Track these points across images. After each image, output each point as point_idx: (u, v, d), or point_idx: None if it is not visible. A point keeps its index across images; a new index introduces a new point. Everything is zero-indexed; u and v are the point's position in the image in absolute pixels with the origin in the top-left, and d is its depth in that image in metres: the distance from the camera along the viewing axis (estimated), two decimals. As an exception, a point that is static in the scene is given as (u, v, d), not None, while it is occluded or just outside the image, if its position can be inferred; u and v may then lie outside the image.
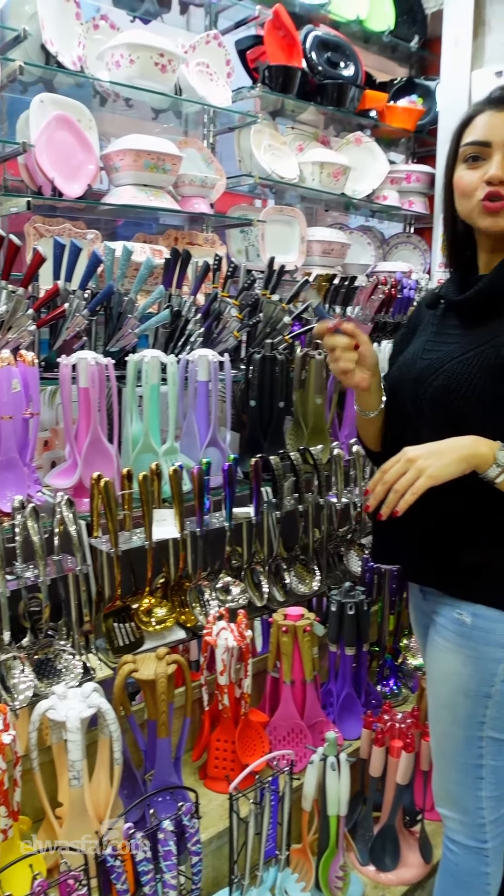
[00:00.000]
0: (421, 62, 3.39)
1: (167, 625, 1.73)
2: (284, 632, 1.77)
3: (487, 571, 1.24)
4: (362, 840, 1.84)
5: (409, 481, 1.14)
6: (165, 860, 1.42)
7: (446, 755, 1.36)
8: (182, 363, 1.91)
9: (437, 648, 1.33)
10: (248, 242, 2.76)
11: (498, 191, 1.20)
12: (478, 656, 1.26)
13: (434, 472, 1.14)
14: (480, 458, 1.15)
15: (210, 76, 2.55)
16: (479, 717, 1.28)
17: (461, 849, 1.38)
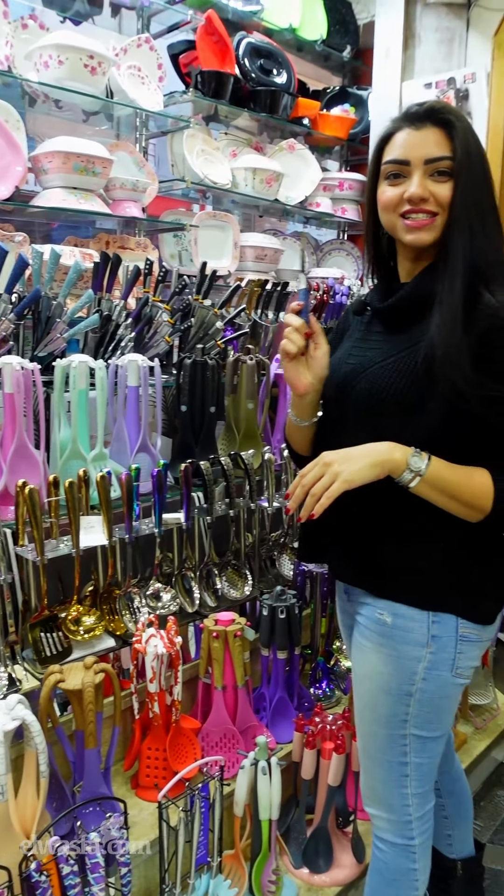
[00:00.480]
0: (353, 72, 3.44)
1: (96, 633, 1.70)
2: (215, 637, 1.77)
3: (407, 571, 1.27)
4: (295, 843, 1.85)
5: (325, 485, 1.17)
6: (93, 873, 1.40)
7: (371, 754, 1.37)
8: (112, 368, 1.89)
9: (360, 648, 1.35)
10: (180, 247, 2.76)
11: (421, 208, 1.24)
12: (398, 655, 1.28)
13: (348, 477, 1.17)
14: (394, 463, 1.18)
15: (142, 80, 2.54)
16: (401, 715, 1.30)
17: (389, 847, 1.40)
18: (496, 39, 2.79)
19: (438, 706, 1.31)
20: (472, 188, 1.20)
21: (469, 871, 1.70)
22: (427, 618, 1.26)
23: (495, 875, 2.01)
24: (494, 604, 1.32)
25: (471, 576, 1.27)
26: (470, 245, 1.20)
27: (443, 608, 1.26)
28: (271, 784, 1.64)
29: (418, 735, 1.32)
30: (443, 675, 1.28)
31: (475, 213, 1.20)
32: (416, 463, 1.18)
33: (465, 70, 2.83)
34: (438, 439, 1.19)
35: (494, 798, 2.35)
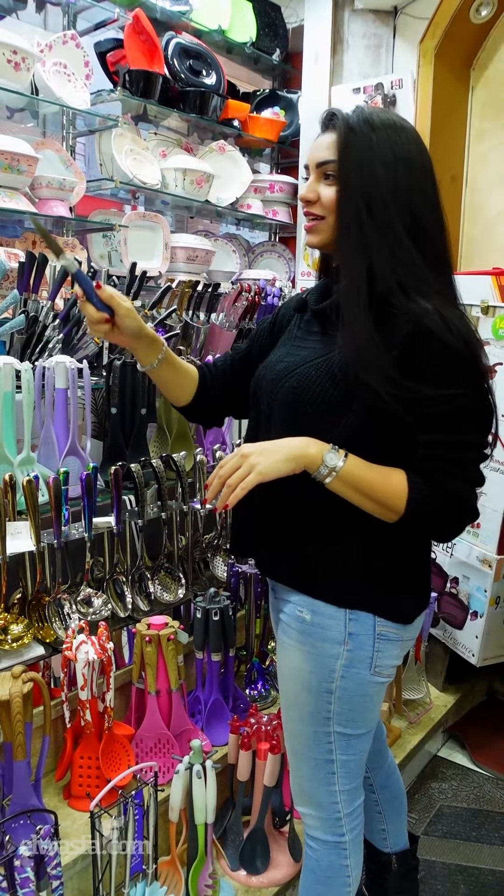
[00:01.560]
0: (283, 75, 3.46)
1: (24, 641, 1.66)
2: (148, 641, 1.75)
3: (324, 568, 1.27)
4: (233, 845, 1.84)
5: (240, 477, 1.18)
6: (23, 888, 1.36)
7: (298, 752, 1.38)
8: (38, 370, 1.84)
9: (283, 646, 1.36)
10: (110, 248, 2.72)
11: (309, 210, 1.27)
12: (317, 653, 1.28)
13: (263, 469, 1.18)
14: (309, 458, 1.19)
15: (68, 77, 2.49)
16: (323, 712, 1.31)
17: (320, 844, 1.41)
18: (422, 47, 2.85)
19: (360, 704, 1.31)
20: (361, 190, 1.19)
21: (404, 865, 1.72)
22: (344, 615, 1.26)
23: (429, 866, 2.06)
24: (414, 604, 1.33)
25: (388, 575, 1.28)
26: (361, 246, 1.19)
27: (359, 606, 1.27)
28: (206, 788, 1.64)
29: (342, 732, 1.32)
30: (361, 673, 1.28)
31: (365, 214, 1.18)
32: (332, 459, 1.18)
33: (393, 76, 2.88)
34: (360, 439, 1.20)
35: (428, 790, 2.40)
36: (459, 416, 1.16)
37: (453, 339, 1.15)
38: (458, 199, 3.04)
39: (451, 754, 2.60)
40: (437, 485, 1.17)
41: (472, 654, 2.42)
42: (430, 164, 1.24)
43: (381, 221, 1.19)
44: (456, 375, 1.16)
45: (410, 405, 1.16)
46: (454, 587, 2.49)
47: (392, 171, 1.19)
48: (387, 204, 1.19)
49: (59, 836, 1.44)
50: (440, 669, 2.69)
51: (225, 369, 1.52)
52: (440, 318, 1.15)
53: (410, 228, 1.20)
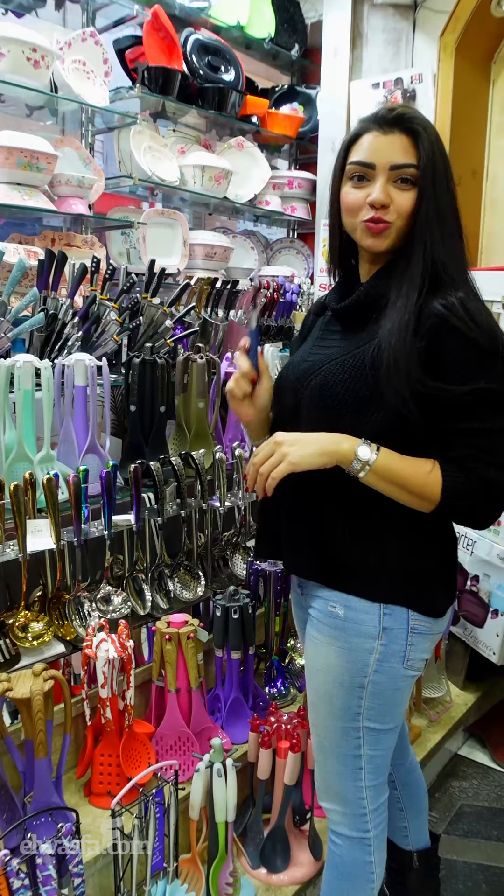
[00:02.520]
0: (302, 70, 3.44)
1: (45, 639, 1.66)
2: (168, 640, 1.74)
3: (359, 564, 1.27)
4: (253, 843, 1.84)
5: (273, 465, 1.21)
6: (45, 885, 1.37)
7: (325, 748, 1.38)
8: (58, 368, 1.85)
9: (313, 642, 1.36)
10: (129, 245, 2.72)
11: (380, 215, 1.24)
12: (350, 648, 1.29)
13: (295, 459, 1.19)
14: (342, 453, 1.20)
15: (87, 74, 2.49)
16: (354, 707, 1.31)
17: (345, 840, 1.41)
18: (442, 41, 2.82)
19: (391, 698, 1.32)
20: (436, 198, 1.21)
21: (425, 863, 1.71)
22: (379, 610, 1.27)
23: (451, 865, 2.04)
24: (445, 597, 1.34)
25: (422, 569, 1.29)
26: (431, 254, 1.21)
27: (394, 600, 1.27)
28: (227, 786, 1.63)
29: (371, 727, 1.32)
30: (394, 666, 1.28)
31: (437, 222, 1.21)
32: (365, 454, 1.19)
33: (413, 70, 2.85)
34: (390, 433, 1.20)
35: (449, 789, 2.38)
36: (486, 405, 1.17)
37: (477, 333, 1.15)
38: (478, 194, 3.01)
39: (471, 753, 2.58)
40: (471, 472, 1.17)
41: (493, 652, 2.40)
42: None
43: (446, 228, 1.22)
44: (480, 368, 1.16)
45: (438, 400, 1.17)
46: (475, 585, 2.46)
47: (448, 178, 1.24)
48: (449, 210, 1.23)
49: (80, 835, 1.44)
50: (461, 668, 2.67)
51: None
52: (464, 311, 1.16)
53: (458, 227, 1.24)
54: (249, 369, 1.34)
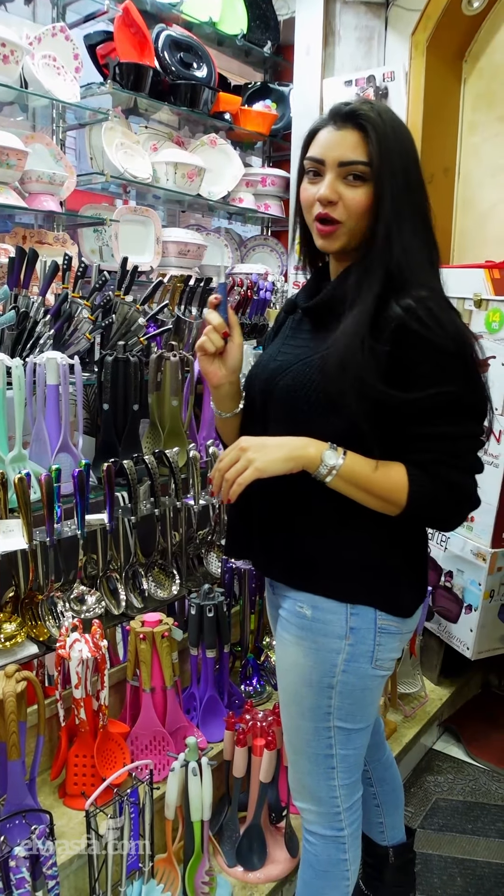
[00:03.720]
0: (275, 67, 3.44)
1: (17, 640, 1.65)
2: (142, 639, 1.73)
3: (324, 564, 1.27)
4: (229, 842, 1.84)
5: (238, 471, 1.19)
6: (18, 888, 1.35)
7: (297, 748, 1.37)
8: (29, 367, 1.83)
9: (282, 641, 1.35)
10: (101, 242, 2.70)
11: (327, 213, 1.21)
12: (318, 648, 1.28)
13: (260, 465, 1.18)
14: (308, 458, 1.19)
15: (58, 70, 2.47)
16: (324, 707, 1.30)
17: (319, 839, 1.41)
18: (414, 39, 2.83)
19: (360, 698, 1.31)
20: (394, 197, 1.18)
21: (401, 858, 1.72)
22: (345, 610, 1.26)
23: (426, 859, 2.06)
24: (413, 597, 1.33)
25: (388, 569, 1.28)
26: (390, 254, 1.18)
27: (360, 600, 1.26)
28: (202, 785, 1.63)
29: (342, 727, 1.32)
30: (362, 666, 1.28)
31: (396, 221, 1.18)
32: (331, 458, 1.18)
33: (385, 68, 2.86)
34: (357, 435, 1.19)
35: (424, 784, 2.40)
36: (452, 408, 1.16)
37: (438, 334, 1.14)
38: (450, 192, 3.03)
39: (446, 747, 2.60)
40: (437, 476, 1.17)
41: (467, 647, 2.42)
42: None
43: (409, 227, 1.19)
44: (442, 371, 1.15)
45: (401, 405, 1.16)
46: (448, 581, 2.48)
47: (410, 173, 1.21)
48: (410, 206, 1.20)
49: (54, 836, 1.43)
50: (435, 663, 2.69)
51: None
52: (425, 312, 1.14)
53: (424, 226, 1.22)
54: (221, 323, 1.28)
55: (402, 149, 1.20)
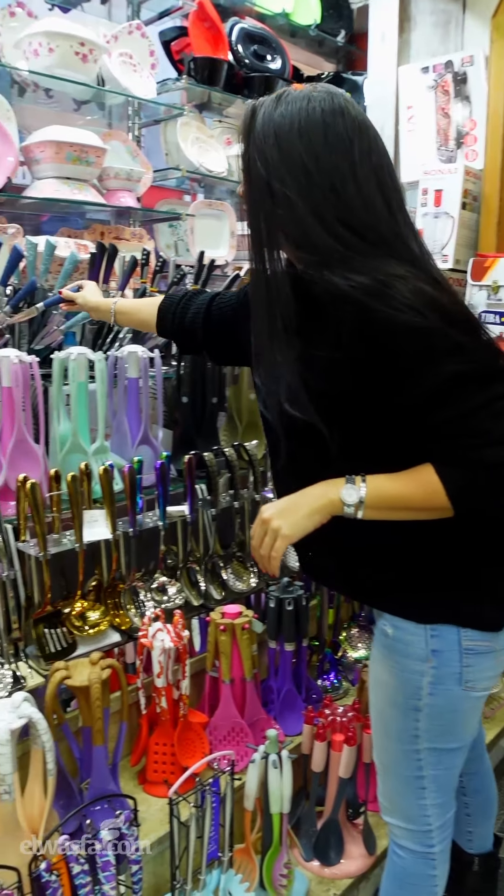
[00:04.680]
0: (348, 57, 3.40)
1: (101, 628, 1.68)
2: (223, 630, 1.74)
3: (393, 585, 1.21)
4: (306, 836, 1.83)
5: (269, 546, 1.15)
6: (104, 871, 1.37)
7: (386, 766, 1.33)
8: (111, 360, 1.86)
9: (372, 657, 1.31)
10: (176, 237, 2.72)
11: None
12: (401, 669, 1.22)
13: (287, 532, 1.13)
14: (332, 504, 1.12)
15: (133, 67, 2.50)
16: (411, 730, 1.24)
17: (408, 853, 1.35)
18: (494, 22, 2.74)
19: (451, 720, 1.23)
20: (261, 179, 1.08)
21: (485, 865, 1.67)
22: (425, 632, 1.19)
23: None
24: (498, 608, 1.22)
25: (465, 583, 1.19)
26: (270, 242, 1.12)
27: (440, 620, 1.18)
28: (282, 777, 1.62)
29: (433, 748, 1.25)
30: (451, 689, 1.20)
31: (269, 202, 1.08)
32: (352, 496, 1.10)
33: (463, 53, 2.79)
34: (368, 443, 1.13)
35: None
36: (452, 385, 1.02)
37: (402, 316, 0.99)
38: (531, 178, 2.93)
39: (526, 750, 2.52)
40: (467, 463, 1.05)
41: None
42: (353, 127, 1.06)
43: (287, 205, 1.06)
44: (425, 350, 1.02)
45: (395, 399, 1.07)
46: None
47: (294, 145, 1.06)
48: (297, 185, 1.06)
49: (138, 821, 1.45)
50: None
51: (224, 311, 1.43)
52: (378, 298, 1.00)
53: (329, 203, 1.05)
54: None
55: (283, 124, 1.07)
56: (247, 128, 1.12)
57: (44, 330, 1.90)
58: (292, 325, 1.10)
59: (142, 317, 1.59)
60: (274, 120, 1.08)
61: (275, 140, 1.07)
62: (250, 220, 1.13)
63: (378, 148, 1.10)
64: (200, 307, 1.45)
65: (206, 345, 1.48)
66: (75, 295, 1.74)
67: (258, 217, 1.11)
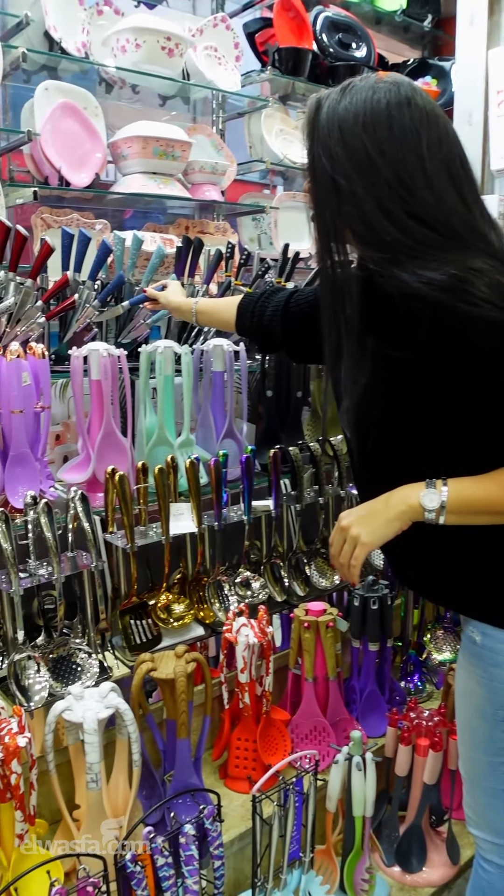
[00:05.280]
0: (434, 42, 3.31)
1: (185, 621, 1.68)
2: (306, 627, 1.72)
3: (479, 590, 1.17)
4: (387, 840, 1.79)
5: (348, 554, 1.13)
6: (187, 865, 1.37)
7: (473, 778, 1.28)
8: (196, 353, 1.86)
9: (460, 665, 1.26)
10: (260, 230, 2.70)
11: None
12: (490, 678, 1.18)
13: (367, 540, 1.11)
14: (412, 510, 1.08)
15: (218, 60, 2.50)
16: (499, 741, 1.20)
17: (495, 868, 1.30)
18: None
19: None
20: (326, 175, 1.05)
21: None
22: None
23: None
24: None
25: None
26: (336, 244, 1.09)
27: None
28: (366, 780, 1.59)
29: None
30: None
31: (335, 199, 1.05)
32: (432, 500, 1.06)
33: None
34: (457, 448, 1.09)
35: None
36: None
37: (477, 310, 0.96)
38: None
39: None
40: None
41: None
42: (421, 118, 1.02)
43: (353, 201, 1.02)
44: (502, 344, 0.98)
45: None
46: None
47: (359, 139, 1.02)
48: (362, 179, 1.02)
49: (221, 817, 1.44)
50: None
51: (302, 308, 1.42)
52: (451, 294, 0.97)
53: (397, 196, 1.01)
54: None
55: (347, 116, 1.04)
56: (311, 122, 1.08)
57: (130, 324, 1.92)
58: (361, 325, 1.07)
59: (222, 316, 1.60)
60: (338, 113, 1.05)
61: (339, 134, 1.04)
62: (316, 217, 1.11)
63: (449, 138, 1.05)
64: (278, 305, 1.45)
65: (286, 343, 1.48)
66: (158, 294, 1.79)
67: (324, 215, 1.09)
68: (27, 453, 1.58)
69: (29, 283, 1.66)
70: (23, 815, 1.25)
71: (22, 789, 1.23)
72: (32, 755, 1.28)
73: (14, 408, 1.54)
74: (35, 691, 1.42)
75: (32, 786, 1.29)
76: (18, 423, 1.55)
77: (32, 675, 1.43)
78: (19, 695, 1.40)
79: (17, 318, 1.65)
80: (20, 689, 1.40)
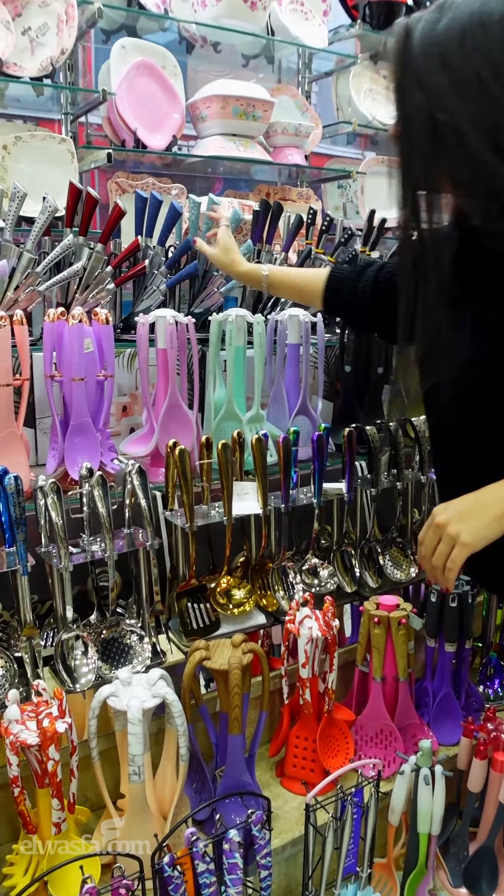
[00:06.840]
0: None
1: (245, 608, 1.58)
2: (377, 623, 1.59)
3: None
4: (455, 859, 1.65)
5: (444, 554, 0.99)
6: (230, 874, 1.27)
7: None
8: (270, 324, 1.75)
9: None
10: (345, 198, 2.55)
11: None
12: None
13: (467, 539, 0.97)
14: None
15: (305, 15, 2.36)
16: None
17: None
18: None
19: None
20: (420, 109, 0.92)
21: None
22: None
23: None
24: None
25: None
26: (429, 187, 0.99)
27: None
28: (434, 795, 1.46)
29: None
30: None
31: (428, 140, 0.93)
32: None
33: None
34: None
35: None
36: None
37: None
38: None
39: None
40: None
41: None
42: None
43: (456, 139, 0.89)
44: None
45: None
46: None
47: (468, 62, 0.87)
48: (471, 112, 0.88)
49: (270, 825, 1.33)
50: None
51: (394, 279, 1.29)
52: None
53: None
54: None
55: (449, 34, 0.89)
56: (400, 53, 0.93)
57: (204, 292, 1.82)
58: (459, 291, 0.96)
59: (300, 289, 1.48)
60: (437, 35, 0.89)
61: (439, 61, 0.89)
62: (403, 166, 0.97)
63: None
64: (369, 279, 1.34)
65: (376, 320, 1.36)
66: (207, 249, 1.61)
67: (413, 163, 0.95)
68: (88, 423, 1.52)
69: (100, 248, 1.60)
70: (60, 803, 1.17)
71: (59, 776, 1.16)
72: (73, 741, 1.20)
73: (75, 375, 1.47)
74: (82, 673, 1.35)
75: (73, 773, 1.22)
76: (80, 392, 1.48)
77: (79, 657, 1.36)
78: (65, 675, 1.33)
79: (86, 283, 1.59)
80: (66, 669, 1.33)
